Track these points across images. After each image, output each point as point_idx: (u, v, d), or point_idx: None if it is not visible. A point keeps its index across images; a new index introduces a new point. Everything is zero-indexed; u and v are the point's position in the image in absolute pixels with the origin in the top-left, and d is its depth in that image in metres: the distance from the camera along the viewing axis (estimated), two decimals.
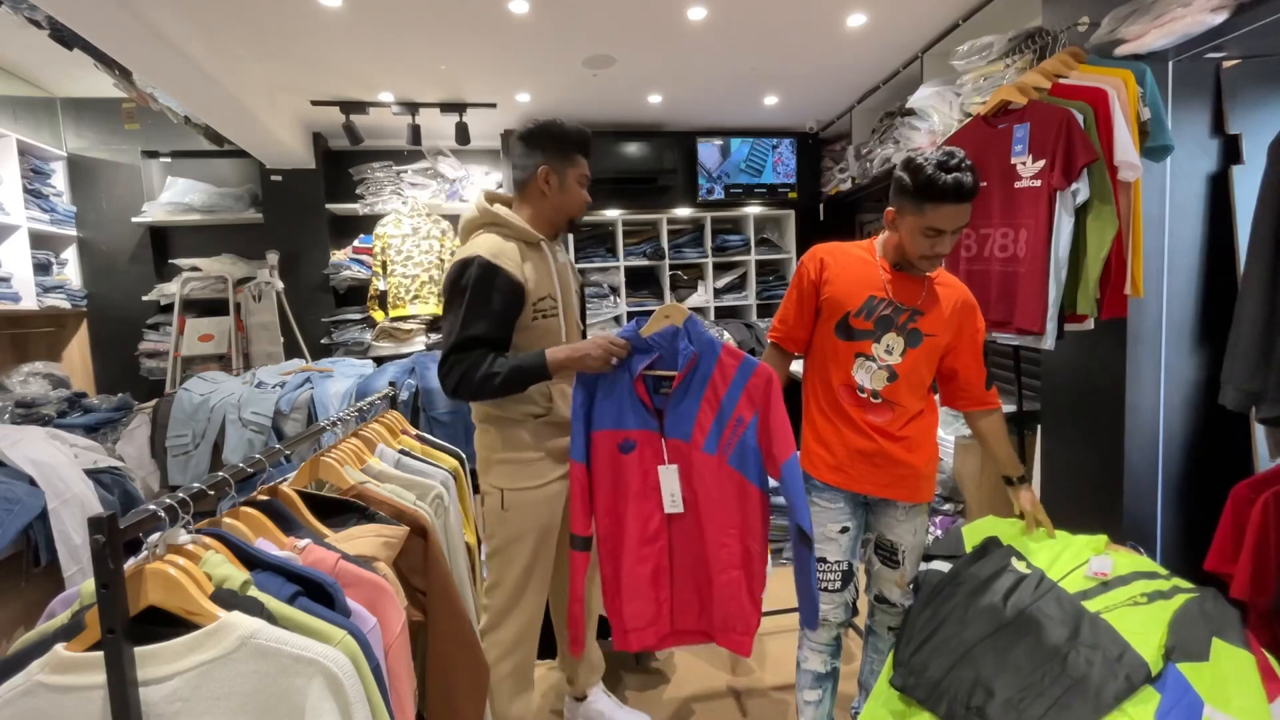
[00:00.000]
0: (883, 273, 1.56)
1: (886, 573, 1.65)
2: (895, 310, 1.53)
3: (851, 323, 1.55)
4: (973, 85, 2.47)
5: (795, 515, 1.46)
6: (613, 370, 1.50)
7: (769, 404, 1.47)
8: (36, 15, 2.32)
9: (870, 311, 1.54)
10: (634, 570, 1.54)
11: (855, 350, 1.55)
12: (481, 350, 1.47)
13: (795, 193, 4.51)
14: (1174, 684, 1.11)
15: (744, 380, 1.48)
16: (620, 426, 1.52)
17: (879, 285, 1.55)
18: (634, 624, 1.56)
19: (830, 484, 1.59)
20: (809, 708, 1.66)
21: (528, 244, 1.59)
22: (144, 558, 0.84)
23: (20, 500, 1.73)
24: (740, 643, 1.55)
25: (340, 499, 1.23)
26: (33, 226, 3.55)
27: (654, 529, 1.54)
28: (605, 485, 1.55)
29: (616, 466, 1.54)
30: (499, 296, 1.48)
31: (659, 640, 1.60)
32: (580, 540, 1.55)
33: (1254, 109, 1.90)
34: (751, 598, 1.54)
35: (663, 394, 1.53)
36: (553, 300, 1.61)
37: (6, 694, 0.74)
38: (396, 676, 0.98)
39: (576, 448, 1.53)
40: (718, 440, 1.50)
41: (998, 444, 1.65)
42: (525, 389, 1.53)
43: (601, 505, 1.56)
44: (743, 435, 1.49)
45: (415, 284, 4.19)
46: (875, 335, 1.54)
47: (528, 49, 3.03)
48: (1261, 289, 1.59)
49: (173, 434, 2.75)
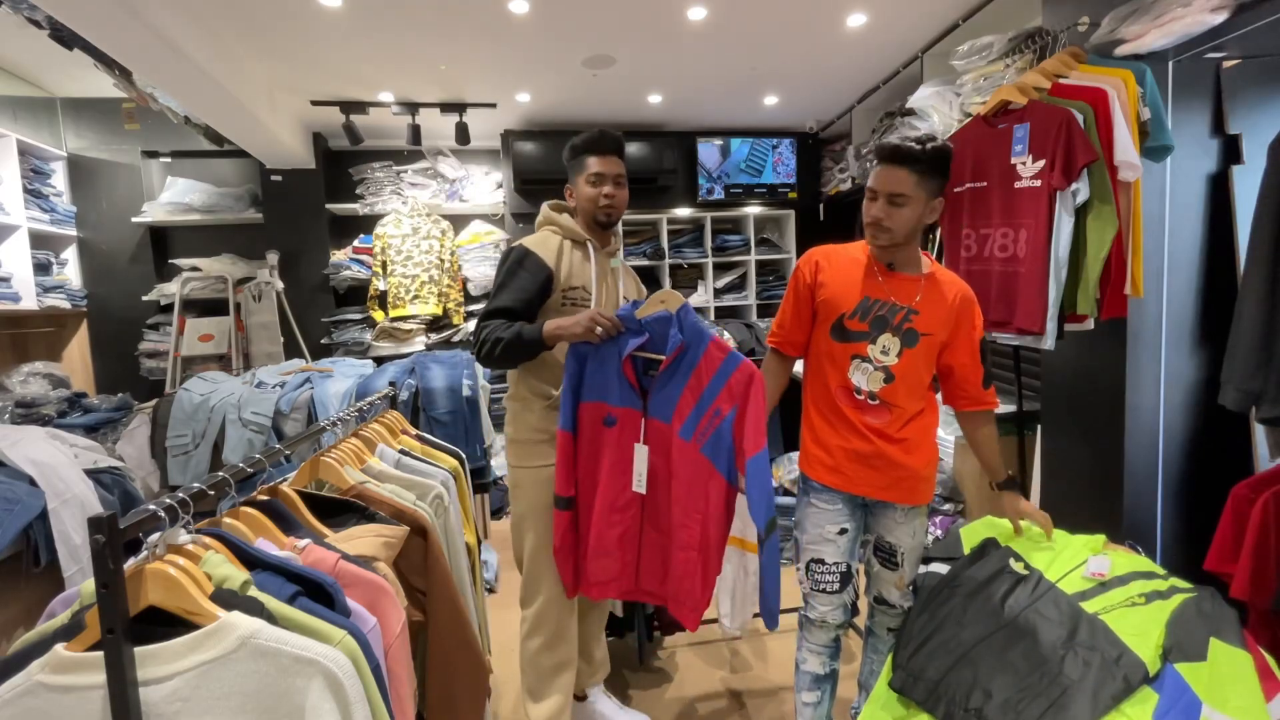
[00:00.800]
0: (877, 273, 1.57)
1: (885, 574, 1.64)
2: (891, 310, 1.53)
3: (846, 324, 1.56)
4: (973, 85, 2.47)
5: (753, 510, 1.49)
6: (600, 343, 1.55)
7: (748, 400, 1.50)
8: (36, 15, 2.32)
9: (865, 313, 1.54)
10: (603, 533, 1.61)
11: (851, 352, 1.55)
12: (501, 320, 1.61)
13: (795, 193, 4.51)
14: (1172, 684, 1.11)
15: (727, 374, 1.52)
16: (605, 401, 1.60)
17: (874, 286, 1.56)
18: (598, 578, 1.65)
19: (828, 485, 1.59)
20: (807, 709, 1.65)
21: (574, 242, 1.77)
22: (144, 558, 0.84)
23: (20, 500, 1.73)
24: (689, 617, 1.60)
25: (340, 499, 1.23)
26: (33, 226, 3.55)
27: (626, 500, 1.62)
28: (586, 453, 1.63)
29: (598, 438, 1.62)
30: (527, 275, 1.66)
31: (621, 593, 1.68)
32: (562, 500, 1.64)
33: (1254, 109, 1.90)
34: (704, 581, 1.58)
35: (650, 375, 1.58)
36: (586, 292, 1.73)
37: (6, 694, 0.74)
38: (396, 676, 0.98)
39: (565, 417, 1.60)
40: (694, 427, 1.54)
41: (986, 448, 1.65)
42: (530, 356, 1.62)
43: (581, 470, 1.64)
44: (718, 427, 1.53)
45: (415, 284, 4.19)
46: (871, 336, 1.54)
47: (528, 49, 3.03)
48: (1261, 289, 1.59)
49: (173, 434, 2.75)
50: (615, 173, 1.76)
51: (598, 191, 1.74)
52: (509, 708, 2.08)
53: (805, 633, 1.65)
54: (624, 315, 1.54)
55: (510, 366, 1.73)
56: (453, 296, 4.34)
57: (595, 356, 1.58)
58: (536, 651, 1.77)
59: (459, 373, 2.82)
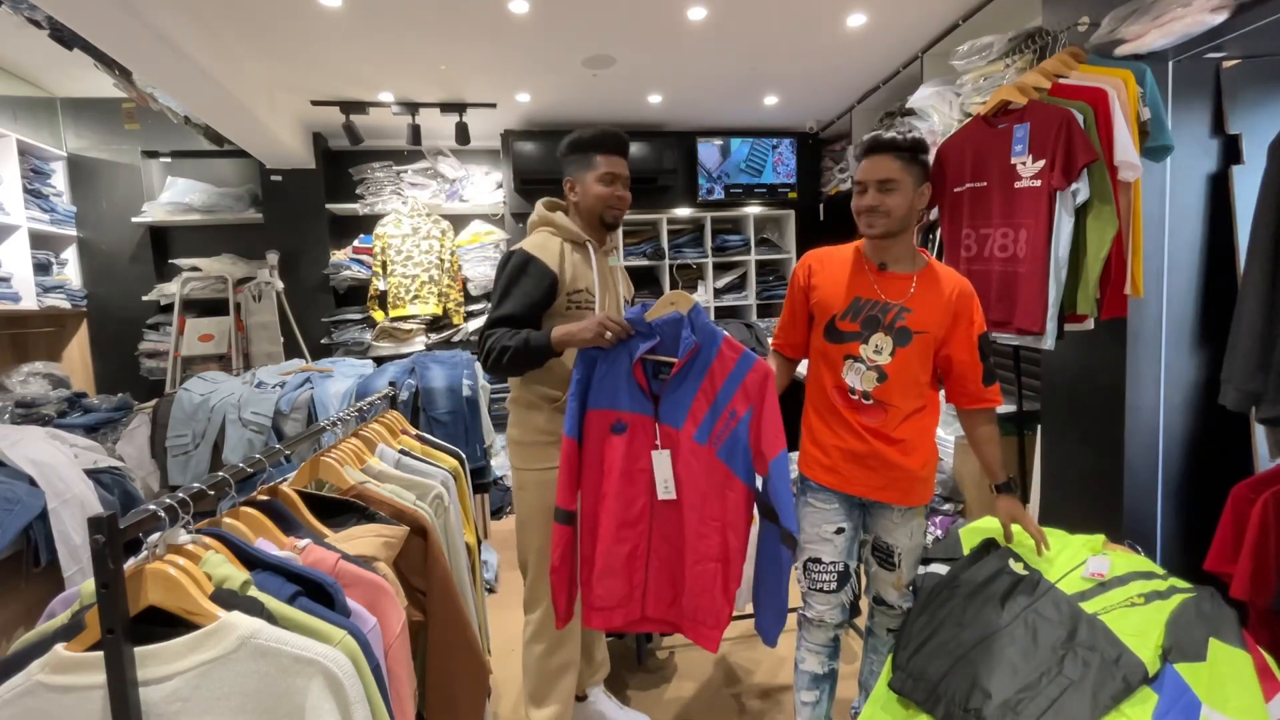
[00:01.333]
0: (868, 272, 1.58)
1: (883, 575, 1.65)
2: (882, 309, 1.54)
3: (838, 325, 1.57)
4: (973, 85, 2.47)
5: (780, 515, 1.44)
6: (610, 346, 1.49)
7: (763, 400, 1.46)
8: (36, 15, 2.32)
9: (856, 313, 1.56)
10: (611, 549, 1.52)
11: (844, 352, 1.56)
12: (506, 329, 1.58)
13: (795, 193, 4.51)
14: (1171, 685, 1.11)
15: (742, 374, 1.47)
16: (615, 407, 1.52)
17: (865, 285, 1.57)
18: (603, 603, 1.54)
19: (824, 485, 1.59)
20: (806, 708, 1.66)
21: (574, 243, 1.73)
22: (144, 558, 0.84)
23: (20, 500, 1.73)
24: (709, 636, 1.50)
25: (340, 499, 1.24)
26: (33, 226, 3.55)
27: (636, 512, 1.53)
28: (593, 463, 1.55)
29: (606, 446, 1.53)
30: (530, 281, 1.62)
31: (626, 624, 1.57)
32: (564, 514, 1.53)
33: (1254, 109, 1.90)
34: (725, 593, 1.50)
35: (661, 379, 1.52)
36: (590, 294, 1.71)
37: (6, 694, 0.74)
38: (396, 676, 0.98)
39: (570, 422, 1.52)
40: (709, 431, 1.48)
41: (985, 448, 1.62)
42: (538, 363, 1.58)
43: (587, 483, 1.55)
44: (734, 429, 1.47)
45: (415, 284, 4.19)
46: (863, 336, 1.54)
47: (528, 49, 3.03)
48: (1262, 289, 1.58)
49: (173, 434, 2.75)
50: (624, 174, 1.74)
51: (609, 192, 1.71)
52: (509, 708, 2.08)
53: (804, 632, 1.66)
54: (633, 318, 1.49)
55: (518, 374, 1.68)
56: (453, 296, 4.35)
57: (605, 360, 1.52)
58: (540, 656, 1.76)
59: (459, 373, 2.82)
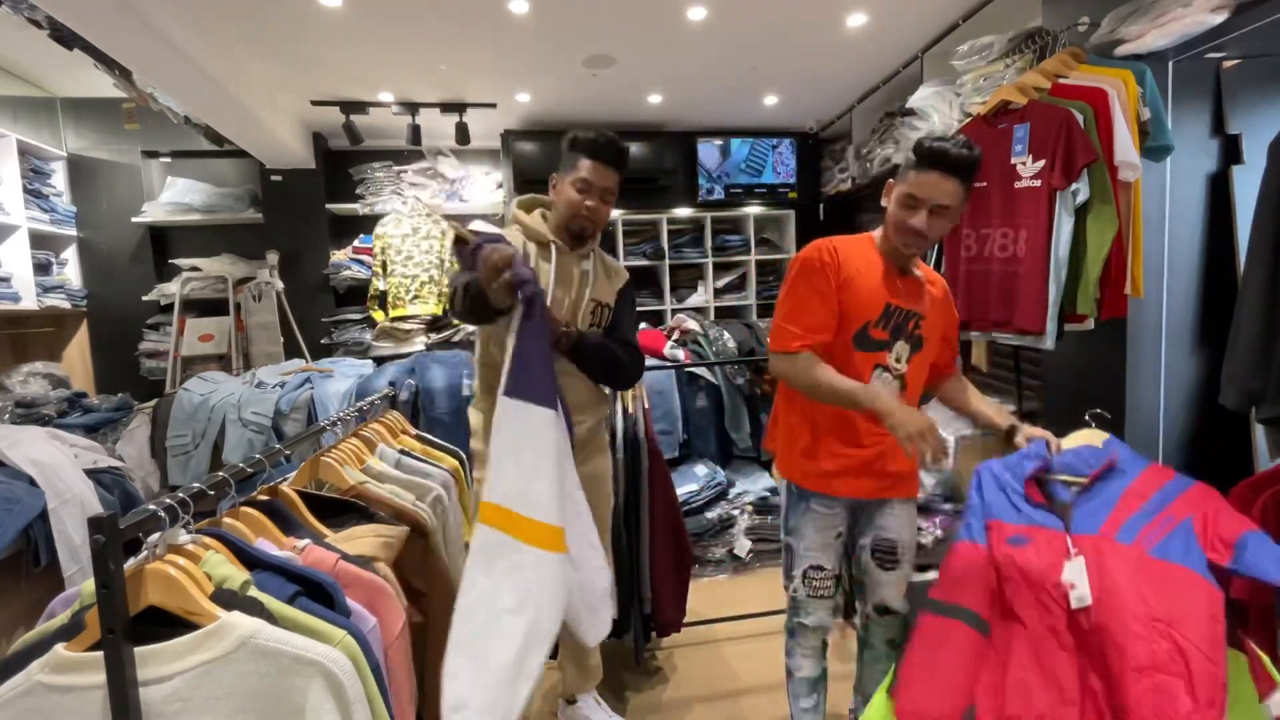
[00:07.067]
0: (895, 277, 1.51)
1: (885, 577, 1.59)
2: (905, 317, 1.50)
3: (871, 333, 1.47)
4: (973, 85, 2.47)
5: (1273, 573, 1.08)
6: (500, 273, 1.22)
7: (1214, 508, 1.19)
8: (36, 15, 2.32)
9: (888, 320, 1.47)
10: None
11: (874, 361, 1.47)
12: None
13: (795, 193, 4.51)
14: None
15: (1179, 490, 1.25)
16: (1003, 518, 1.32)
17: (894, 291, 1.49)
18: None
19: (828, 493, 1.54)
20: (806, 714, 1.63)
21: (539, 244, 1.63)
22: (144, 558, 0.84)
23: (20, 500, 1.73)
24: None
25: (340, 499, 1.24)
26: (33, 226, 3.55)
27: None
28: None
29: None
30: None
31: None
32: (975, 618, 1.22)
33: (1254, 109, 1.90)
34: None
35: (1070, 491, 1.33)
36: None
37: (6, 694, 0.74)
38: (396, 677, 0.98)
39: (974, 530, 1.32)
40: (1136, 532, 1.21)
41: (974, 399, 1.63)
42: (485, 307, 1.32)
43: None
44: (1171, 530, 1.19)
45: (415, 284, 4.19)
46: (889, 345, 1.49)
47: (528, 49, 3.03)
48: (1262, 289, 1.58)
49: (173, 434, 2.75)
50: (605, 185, 1.59)
51: (579, 200, 1.58)
52: None
53: (799, 639, 1.62)
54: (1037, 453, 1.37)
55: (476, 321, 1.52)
56: None
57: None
58: None
59: (459, 373, 2.82)
